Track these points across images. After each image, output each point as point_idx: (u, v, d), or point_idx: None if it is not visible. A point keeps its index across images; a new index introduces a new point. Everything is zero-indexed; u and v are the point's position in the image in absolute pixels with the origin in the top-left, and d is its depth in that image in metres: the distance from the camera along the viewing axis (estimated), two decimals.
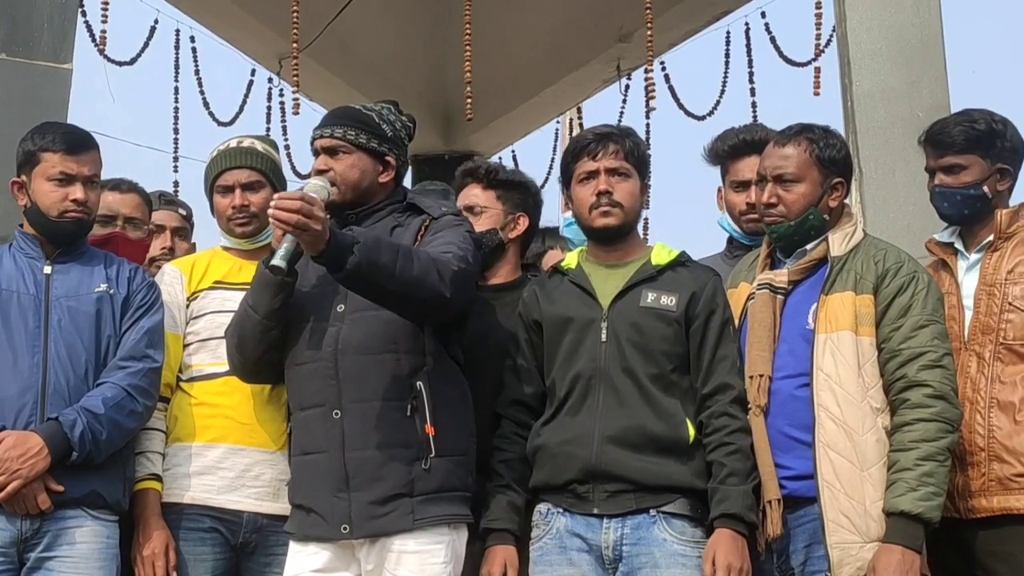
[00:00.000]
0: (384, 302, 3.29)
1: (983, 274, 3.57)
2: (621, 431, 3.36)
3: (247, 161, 3.83)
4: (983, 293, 3.55)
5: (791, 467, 3.35)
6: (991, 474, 3.43)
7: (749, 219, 4.06)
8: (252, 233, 3.83)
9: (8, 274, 3.61)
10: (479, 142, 8.79)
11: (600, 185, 3.50)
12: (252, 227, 3.82)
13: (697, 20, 8.21)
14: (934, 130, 3.67)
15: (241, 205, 3.80)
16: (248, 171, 3.82)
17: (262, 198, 3.78)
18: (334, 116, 3.60)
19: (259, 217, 3.77)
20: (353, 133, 3.51)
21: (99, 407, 3.46)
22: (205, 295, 3.79)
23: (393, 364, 3.36)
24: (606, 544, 3.35)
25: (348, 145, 3.51)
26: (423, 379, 3.34)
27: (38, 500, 3.41)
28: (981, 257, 3.60)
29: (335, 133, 3.52)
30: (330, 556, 3.38)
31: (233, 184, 3.81)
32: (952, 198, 3.62)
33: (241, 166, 3.82)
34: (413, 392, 3.33)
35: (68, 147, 3.62)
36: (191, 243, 4.60)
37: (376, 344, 3.37)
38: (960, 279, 3.62)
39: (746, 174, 4.07)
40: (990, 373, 3.48)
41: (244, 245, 3.85)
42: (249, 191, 3.81)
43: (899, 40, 5.08)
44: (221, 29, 8.35)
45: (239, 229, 3.83)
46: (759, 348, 3.44)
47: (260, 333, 3.45)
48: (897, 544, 3.22)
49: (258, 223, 3.80)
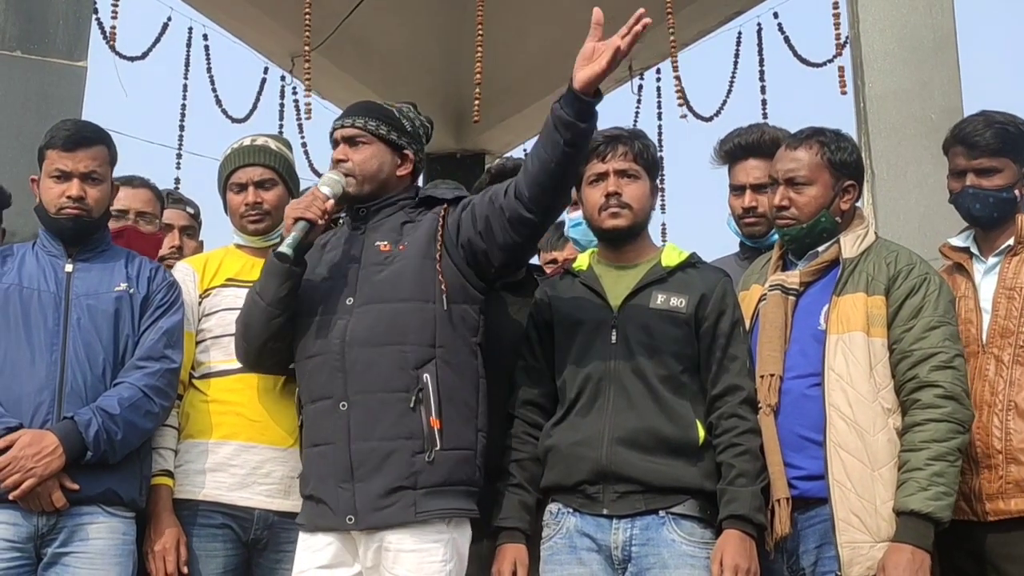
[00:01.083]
0: (558, 167, 3.26)
1: (1002, 278, 3.57)
2: (631, 432, 3.37)
3: (260, 159, 3.86)
4: (1002, 297, 3.55)
5: (802, 467, 3.36)
6: (1008, 477, 3.43)
7: (747, 222, 4.10)
8: (265, 231, 3.86)
9: (30, 272, 3.63)
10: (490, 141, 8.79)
11: (609, 187, 3.51)
12: (264, 224, 3.85)
13: (710, 20, 8.21)
14: (966, 131, 3.65)
15: (254, 202, 3.83)
16: (261, 168, 3.85)
17: (275, 196, 3.84)
18: (355, 107, 3.64)
19: (272, 215, 3.82)
20: (374, 123, 3.55)
21: (115, 407, 3.48)
22: (217, 292, 3.81)
23: (399, 356, 3.36)
24: (615, 544, 3.36)
25: (368, 135, 3.54)
26: (430, 371, 3.34)
27: (53, 498, 3.43)
28: (1000, 261, 3.61)
29: (356, 123, 3.55)
30: (336, 550, 3.39)
31: (246, 181, 3.84)
32: (985, 200, 3.62)
33: (254, 164, 3.86)
34: (419, 384, 3.34)
35: (64, 144, 3.64)
36: (199, 241, 4.63)
37: (382, 336, 3.38)
38: (978, 282, 3.62)
39: (741, 178, 4.11)
40: (1008, 376, 3.48)
41: (257, 243, 3.88)
42: (262, 189, 3.84)
43: (912, 41, 5.08)
44: (234, 27, 8.36)
45: (252, 226, 3.86)
46: (770, 348, 3.45)
47: (265, 320, 3.48)
48: (907, 543, 3.22)
49: (271, 220, 3.83)
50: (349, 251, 3.53)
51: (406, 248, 3.46)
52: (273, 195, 3.84)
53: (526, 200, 3.30)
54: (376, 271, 3.45)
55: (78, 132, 3.69)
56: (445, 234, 3.45)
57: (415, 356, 3.36)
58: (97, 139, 3.71)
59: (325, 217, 3.45)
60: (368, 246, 3.50)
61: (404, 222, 3.53)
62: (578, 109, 3.18)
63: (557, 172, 3.24)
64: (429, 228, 3.48)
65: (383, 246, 3.48)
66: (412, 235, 3.49)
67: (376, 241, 3.50)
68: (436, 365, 3.36)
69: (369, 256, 3.49)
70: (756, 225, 4.09)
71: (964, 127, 3.67)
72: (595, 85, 3.16)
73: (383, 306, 3.40)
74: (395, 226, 3.52)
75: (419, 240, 3.46)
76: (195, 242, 4.59)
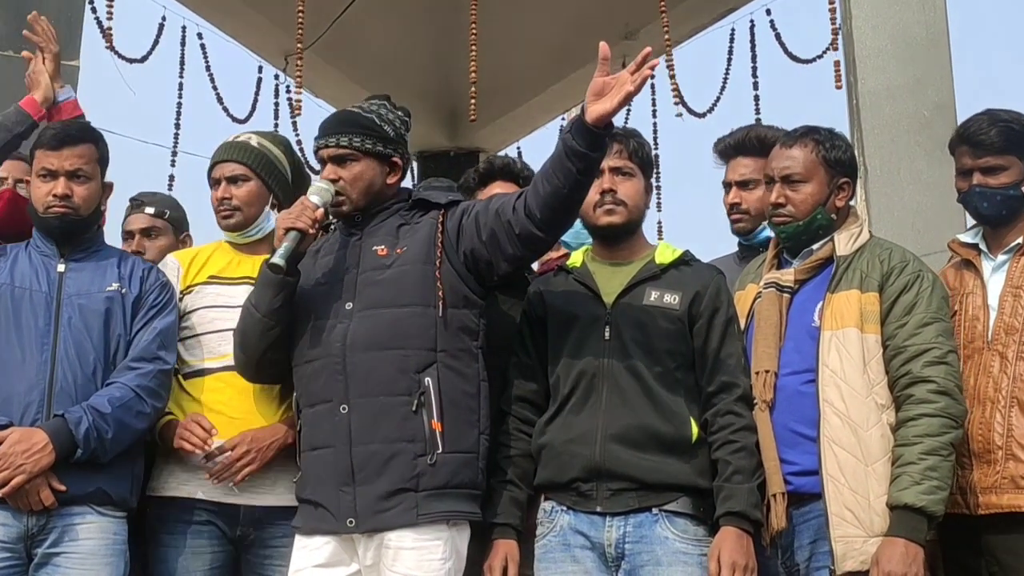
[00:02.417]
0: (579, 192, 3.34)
1: (1010, 276, 3.57)
2: (624, 429, 3.37)
3: (234, 155, 3.87)
4: (1008, 295, 3.55)
5: (796, 462, 3.36)
6: (1005, 472, 3.43)
7: (733, 219, 4.16)
8: (236, 226, 3.87)
9: (22, 272, 3.63)
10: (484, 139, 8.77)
11: (604, 184, 3.51)
12: (235, 220, 3.85)
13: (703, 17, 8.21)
14: (971, 131, 3.64)
15: (222, 198, 3.85)
16: (234, 164, 3.86)
17: (245, 191, 3.85)
18: (337, 123, 3.59)
19: (241, 210, 3.84)
20: (359, 140, 3.53)
21: (105, 406, 3.48)
22: (199, 290, 3.82)
23: (400, 360, 3.36)
24: (609, 542, 3.36)
25: (355, 152, 3.52)
26: (431, 375, 3.35)
27: (41, 496, 3.43)
28: (1008, 259, 3.60)
29: (340, 142, 3.53)
30: (333, 550, 3.38)
31: (219, 177, 3.87)
32: (992, 198, 3.62)
33: (228, 160, 3.88)
34: (420, 388, 3.34)
35: (51, 143, 3.64)
36: (175, 237, 4.49)
37: (384, 340, 3.38)
38: (986, 279, 3.62)
39: (729, 175, 4.17)
40: (1012, 372, 3.48)
41: (238, 239, 3.90)
42: (232, 184, 3.85)
43: (905, 38, 5.09)
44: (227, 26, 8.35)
45: (222, 221, 3.89)
46: (765, 345, 3.45)
47: (261, 331, 3.48)
48: (901, 537, 3.22)
49: (241, 216, 3.84)
50: (345, 256, 3.52)
51: (404, 252, 3.46)
52: (244, 191, 3.84)
53: (538, 220, 3.33)
54: (375, 276, 3.45)
55: (64, 131, 3.69)
56: (445, 240, 3.45)
57: (416, 360, 3.37)
58: (84, 137, 3.70)
59: (316, 226, 3.46)
60: (365, 251, 3.50)
61: (400, 225, 3.53)
62: (590, 141, 3.24)
63: (568, 196, 3.31)
64: (428, 233, 3.47)
65: (380, 250, 3.48)
66: (409, 239, 3.49)
67: (373, 246, 3.49)
68: (437, 369, 3.36)
69: (367, 261, 3.48)
70: (741, 221, 4.12)
71: (969, 126, 3.66)
72: (606, 121, 3.23)
73: (384, 311, 3.40)
74: (391, 230, 3.52)
75: (418, 245, 3.46)
76: (164, 240, 4.45)
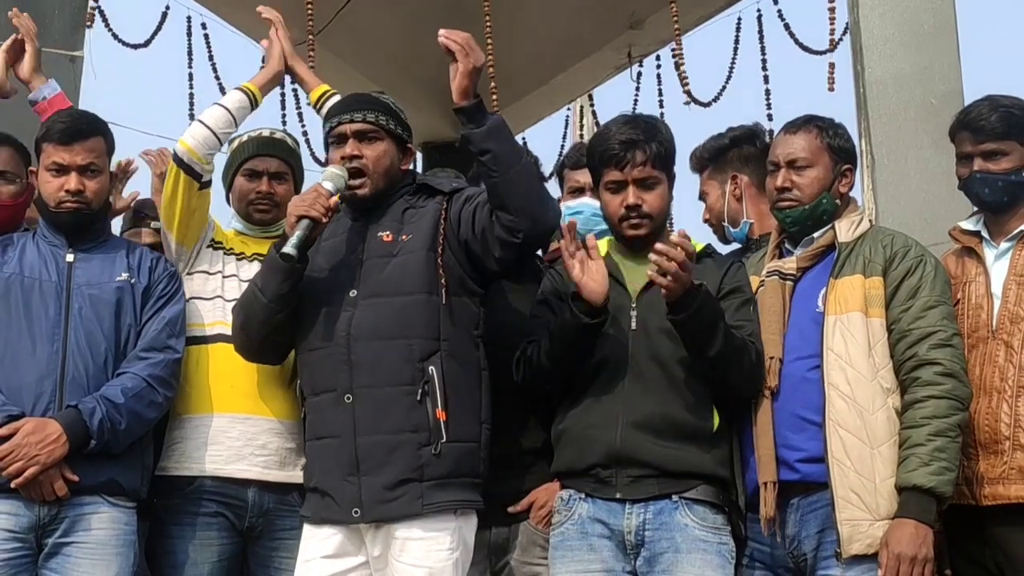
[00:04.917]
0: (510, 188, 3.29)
1: (1013, 264, 3.55)
2: (646, 417, 3.36)
3: (278, 151, 3.92)
4: (1013, 283, 3.53)
5: (802, 448, 3.36)
6: (1013, 463, 3.42)
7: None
8: (270, 221, 3.90)
9: (31, 262, 3.63)
10: None
11: (629, 199, 3.46)
12: (271, 215, 3.89)
13: (710, 6, 8.20)
14: (971, 116, 3.63)
15: (268, 192, 3.87)
16: (279, 161, 3.91)
17: (285, 190, 3.89)
18: (359, 101, 3.58)
19: (280, 207, 3.84)
20: (384, 118, 3.53)
21: (119, 396, 3.49)
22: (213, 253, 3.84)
23: (405, 349, 3.36)
24: (628, 529, 3.35)
25: (380, 131, 3.52)
26: (435, 364, 3.35)
27: (55, 487, 3.44)
28: (1012, 247, 3.58)
29: (367, 117, 3.51)
30: (341, 541, 3.39)
31: (263, 171, 3.88)
32: (994, 184, 3.60)
33: (272, 155, 3.90)
34: (424, 377, 3.34)
35: (61, 137, 3.62)
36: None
37: (389, 329, 3.38)
38: (989, 267, 3.60)
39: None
40: (1018, 362, 3.46)
41: (259, 233, 3.90)
42: (276, 180, 3.89)
43: (912, 25, 5.07)
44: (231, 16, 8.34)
45: (258, 215, 3.89)
46: (769, 332, 3.45)
47: (266, 316, 3.47)
48: (910, 518, 3.23)
49: (278, 212, 3.86)
50: (351, 242, 3.52)
51: (409, 238, 3.45)
52: (284, 189, 3.89)
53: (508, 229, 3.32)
54: (381, 264, 3.45)
55: (74, 124, 3.67)
56: (448, 227, 3.45)
57: (420, 349, 3.37)
58: (93, 130, 3.69)
59: (329, 215, 3.43)
60: (371, 237, 3.49)
61: (405, 209, 3.52)
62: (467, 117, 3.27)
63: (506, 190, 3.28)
64: (432, 220, 3.47)
65: (386, 236, 3.47)
66: (414, 224, 3.48)
67: (379, 232, 3.49)
68: (441, 358, 3.36)
69: (372, 247, 3.47)
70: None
71: (969, 112, 3.66)
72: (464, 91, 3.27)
73: (388, 299, 3.40)
74: (396, 215, 3.51)
75: (422, 232, 3.45)
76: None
